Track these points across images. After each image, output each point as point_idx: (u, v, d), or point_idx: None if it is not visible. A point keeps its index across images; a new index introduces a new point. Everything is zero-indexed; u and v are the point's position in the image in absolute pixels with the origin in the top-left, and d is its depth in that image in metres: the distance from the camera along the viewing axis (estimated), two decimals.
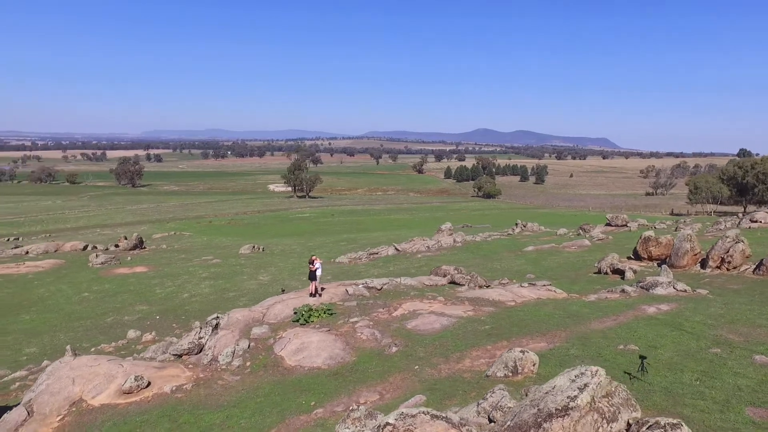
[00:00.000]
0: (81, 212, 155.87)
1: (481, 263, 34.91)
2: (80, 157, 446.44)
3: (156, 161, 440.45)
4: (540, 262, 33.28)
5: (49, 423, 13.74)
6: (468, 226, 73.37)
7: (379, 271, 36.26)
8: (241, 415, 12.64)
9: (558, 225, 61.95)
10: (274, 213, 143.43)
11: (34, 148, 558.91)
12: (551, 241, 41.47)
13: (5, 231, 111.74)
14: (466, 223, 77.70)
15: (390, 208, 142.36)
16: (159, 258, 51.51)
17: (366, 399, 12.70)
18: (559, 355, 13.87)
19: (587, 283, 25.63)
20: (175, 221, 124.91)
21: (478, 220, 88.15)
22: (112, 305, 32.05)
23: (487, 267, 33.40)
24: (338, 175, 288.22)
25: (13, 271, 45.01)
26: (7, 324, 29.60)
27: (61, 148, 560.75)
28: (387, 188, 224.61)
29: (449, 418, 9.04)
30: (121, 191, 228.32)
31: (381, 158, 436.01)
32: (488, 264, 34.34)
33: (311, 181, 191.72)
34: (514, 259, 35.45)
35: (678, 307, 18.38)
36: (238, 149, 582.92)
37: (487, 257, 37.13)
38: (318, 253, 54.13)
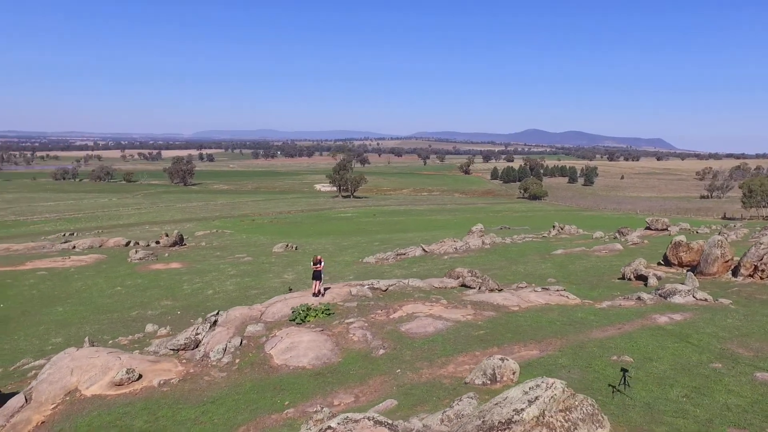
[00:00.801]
0: (133, 209, 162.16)
1: (504, 266, 34.16)
2: (137, 157, 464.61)
3: (208, 161, 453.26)
4: (566, 266, 32.26)
5: (42, 411, 14.22)
6: (506, 227, 72.08)
7: (402, 271, 36.01)
8: (216, 411, 12.73)
9: (598, 228, 60.06)
10: (317, 212, 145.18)
11: (96, 148, 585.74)
12: (583, 245, 40.18)
13: (63, 227, 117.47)
14: (505, 224, 76.32)
15: (433, 208, 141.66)
16: (195, 255, 52.89)
17: (341, 401, 12.55)
18: (547, 364, 13.33)
19: (607, 289, 24.63)
20: (221, 219, 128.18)
21: (519, 222, 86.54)
22: (139, 300, 33.07)
23: (510, 270, 32.63)
24: (384, 175, 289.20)
25: (58, 264, 47.16)
26: (42, 315, 30.99)
27: (120, 148, 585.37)
28: (432, 189, 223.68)
29: (394, 425, 8.80)
30: (173, 189, 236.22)
31: (428, 159, 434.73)
32: (512, 267, 33.55)
33: (356, 181, 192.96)
34: (540, 262, 34.50)
35: (692, 317, 17.40)
36: (288, 149, 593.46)
37: (513, 260, 36.28)
38: (349, 252, 54.41)
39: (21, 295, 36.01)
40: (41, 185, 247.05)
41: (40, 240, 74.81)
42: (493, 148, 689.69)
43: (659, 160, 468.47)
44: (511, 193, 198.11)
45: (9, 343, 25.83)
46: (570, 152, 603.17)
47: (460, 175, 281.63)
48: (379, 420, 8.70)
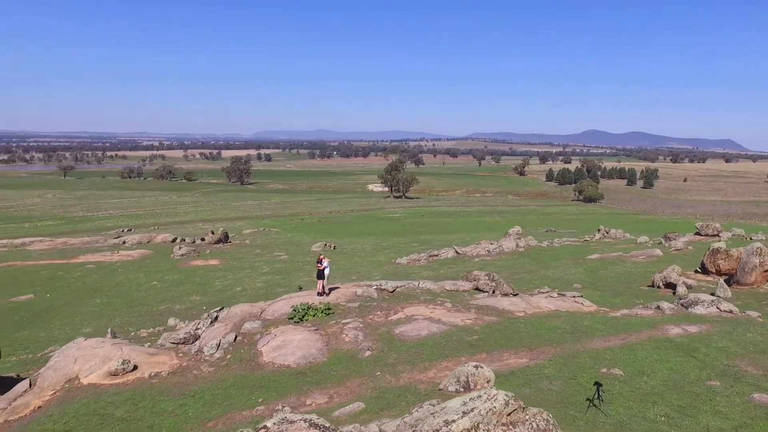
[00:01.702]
0: (191, 207, 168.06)
1: (533, 270, 33.19)
2: (198, 156, 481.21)
3: (266, 160, 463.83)
4: (597, 272, 31.00)
5: (41, 396, 14.85)
6: (551, 230, 70.13)
7: (429, 273, 35.61)
8: (193, 405, 12.91)
9: (647, 232, 57.48)
10: (366, 212, 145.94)
11: (161, 148, 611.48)
12: (621, 250, 38.51)
13: (123, 223, 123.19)
14: (551, 227, 74.26)
15: (483, 210, 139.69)
16: (235, 252, 54.19)
17: (313, 401, 12.46)
18: (530, 373, 12.77)
19: (632, 296, 23.46)
20: (271, 218, 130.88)
21: (569, 225, 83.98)
22: (171, 294, 34.13)
23: (538, 274, 31.68)
24: (438, 176, 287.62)
25: (107, 259, 49.40)
26: (81, 306, 32.51)
27: (183, 148, 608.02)
28: (485, 190, 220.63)
29: (330, 428, 8.60)
30: (230, 188, 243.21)
31: (484, 160, 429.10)
32: (540, 271, 32.54)
33: (407, 181, 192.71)
34: (572, 267, 33.30)
35: (709, 329, 16.28)
36: (344, 149, 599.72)
37: (544, 264, 35.19)
38: (386, 253, 54.36)
39: (68, 287, 37.92)
40: (109, 183, 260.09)
41: (100, 235, 78.80)
42: (551, 149, 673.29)
43: (727, 162, 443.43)
44: (566, 195, 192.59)
45: (45, 331, 27.22)
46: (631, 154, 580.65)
47: (514, 176, 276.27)
48: (316, 423, 8.53)
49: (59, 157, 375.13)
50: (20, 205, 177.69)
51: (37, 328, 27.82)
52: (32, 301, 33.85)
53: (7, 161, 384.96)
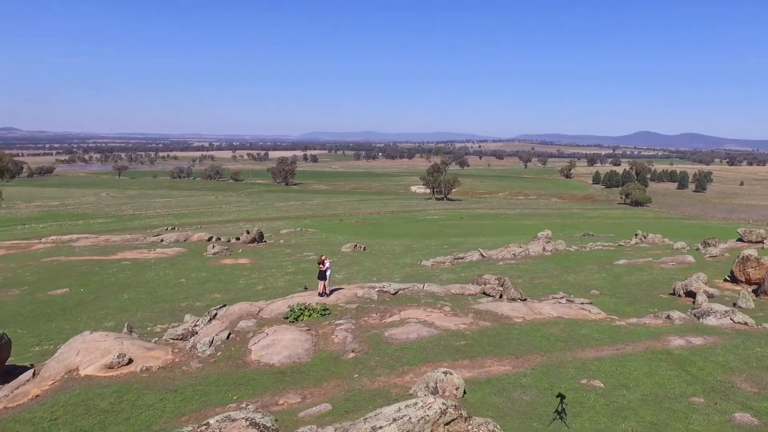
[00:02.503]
0: (234, 207, 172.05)
1: (555, 274, 32.39)
2: (246, 157, 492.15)
3: (312, 161, 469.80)
4: (620, 278, 29.97)
5: (41, 385, 15.48)
6: (589, 234, 68.33)
7: (450, 276, 35.27)
8: (172, 399, 13.19)
9: (690, 238, 55.23)
10: (406, 214, 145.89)
11: (210, 149, 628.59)
12: (651, 256, 37.09)
13: (169, 221, 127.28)
14: (589, 231, 72.37)
15: (524, 213, 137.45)
16: (266, 252, 55.10)
17: (285, 401, 12.53)
18: (507, 382, 12.45)
19: (647, 305, 22.56)
20: (311, 218, 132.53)
21: (609, 229, 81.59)
22: (195, 291, 34.99)
23: (558, 279, 30.90)
24: (482, 178, 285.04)
25: (143, 256, 51.11)
26: (109, 300, 33.74)
27: (232, 149, 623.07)
28: (529, 192, 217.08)
29: (269, 427, 8.61)
30: (275, 189, 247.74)
31: (530, 162, 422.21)
32: (562, 276, 31.73)
33: (449, 183, 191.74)
34: (595, 272, 32.31)
35: (715, 342, 15.49)
36: (389, 151, 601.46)
37: (567, 269, 34.28)
38: (414, 255, 54.14)
39: (101, 282, 39.43)
40: (160, 183, 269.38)
41: (141, 233, 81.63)
42: (600, 151, 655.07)
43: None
44: (612, 198, 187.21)
45: (71, 324, 28.37)
46: (684, 156, 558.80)
47: (560, 178, 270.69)
48: (256, 422, 8.57)
49: (115, 158, 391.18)
50: (77, 203, 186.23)
51: (65, 321, 29.03)
52: (66, 295, 35.36)
53: (68, 161, 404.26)
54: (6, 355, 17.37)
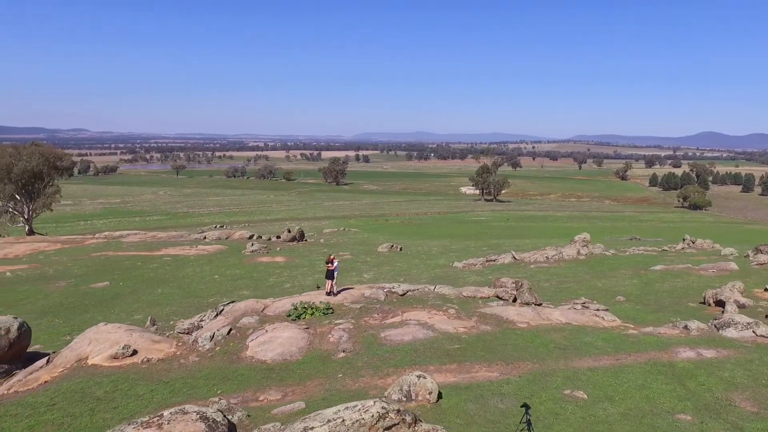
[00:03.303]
0: (284, 206, 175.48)
1: (584, 279, 31.36)
2: (299, 157, 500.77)
3: (364, 161, 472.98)
4: (652, 285, 28.71)
5: (52, 372, 16.23)
6: (635, 238, 65.83)
7: (477, 278, 34.72)
8: (162, 391, 13.53)
9: (745, 244, 52.39)
10: (453, 215, 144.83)
11: (265, 149, 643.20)
12: (693, 262, 35.36)
13: (219, 219, 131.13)
14: (636, 235, 69.69)
15: (574, 215, 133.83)
16: (303, 251, 55.84)
17: (266, 397, 12.63)
18: (488, 389, 12.11)
19: (672, 313, 21.50)
20: (357, 218, 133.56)
21: (660, 233, 78.34)
22: (225, 288, 35.83)
23: (586, 284, 29.90)
24: (533, 179, 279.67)
25: (185, 252, 52.77)
26: (144, 294, 35.01)
27: (286, 149, 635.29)
28: (582, 194, 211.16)
29: (218, 422, 8.69)
30: (325, 188, 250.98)
31: (585, 163, 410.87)
32: (591, 281, 30.68)
33: (499, 184, 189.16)
34: (627, 278, 31.07)
35: (728, 355, 14.60)
36: (441, 151, 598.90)
37: (599, 273, 33.12)
38: (450, 256, 53.61)
39: (141, 277, 40.99)
40: (215, 182, 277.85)
41: (186, 230, 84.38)
42: (659, 152, 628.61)
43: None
44: (669, 201, 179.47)
45: (104, 315, 29.56)
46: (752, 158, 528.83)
47: (615, 180, 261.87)
48: (206, 416, 8.67)
49: (174, 158, 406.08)
50: (137, 201, 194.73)
51: (99, 312, 30.31)
52: (106, 288, 36.94)
53: (130, 161, 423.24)
54: (26, 343, 18.28)
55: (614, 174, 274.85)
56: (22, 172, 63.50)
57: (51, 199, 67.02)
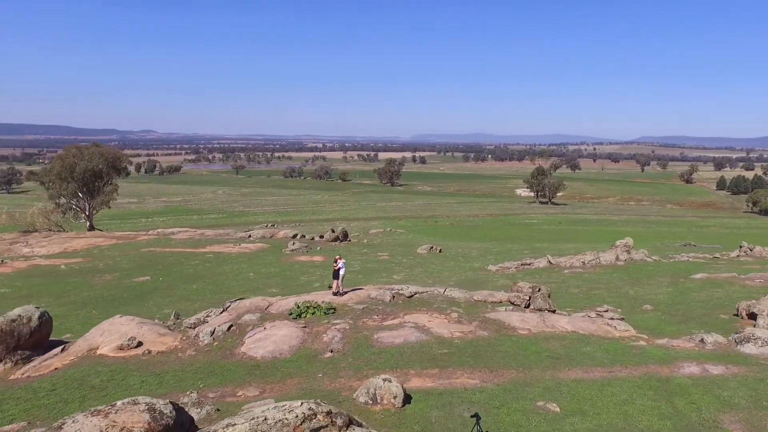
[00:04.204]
0: (337, 206, 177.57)
1: (617, 286, 30.12)
2: (357, 158, 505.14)
3: (420, 163, 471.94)
4: (687, 294, 27.23)
5: (63, 360, 17.07)
6: (690, 244, 62.64)
7: (505, 282, 33.88)
8: (152, 382, 13.98)
9: None
10: (504, 217, 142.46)
11: (323, 150, 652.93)
12: (741, 271, 33.29)
13: (272, 218, 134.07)
14: (690, 241, 66.29)
15: (630, 219, 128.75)
16: (342, 251, 56.20)
17: (244, 393, 12.84)
18: (460, 396, 11.82)
19: (699, 325, 20.30)
20: (407, 219, 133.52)
21: (725, 240, 74.11)
22: (257, 285, 36.60)
23: (617, 291, 28.73)
24: (592, 181, 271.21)
25: (228, 250, 54.33)
26: (180, 290, 36.27)
27: (344, 150, 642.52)
28: (642, 198, 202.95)
29: (164, 414, 8.87)
30: (379, 189, 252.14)
31: (648, 165, 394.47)
32: (623, 288, 29.43)
33: (554, 186, 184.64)
34: (663, 286, 29.59)
35: (736, 372, 13.67)
36: (499, 153, 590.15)
37: (635, 280, 31.71)
38: (487, 259, 52.72)
39: (181, 272, 42.51)
40: (272, 182, 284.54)
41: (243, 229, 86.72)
42: (730, 154, 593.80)
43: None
44: (738, 206, 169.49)
45: (137, 308, 30.86)
46: None
47: (679, 184, 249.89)
48: (154, 407, 8.86)
49: (235, 158, 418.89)
50: (197, 199, 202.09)
51: (134, 306, 31.63)
52: (146, 283, 38.53)
53: (194, 161, 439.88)
54: (46, 332, 19.30)
55: (678, 177, 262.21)
56: (83, 171, 67.15)
57: (109, 197, 70.53)
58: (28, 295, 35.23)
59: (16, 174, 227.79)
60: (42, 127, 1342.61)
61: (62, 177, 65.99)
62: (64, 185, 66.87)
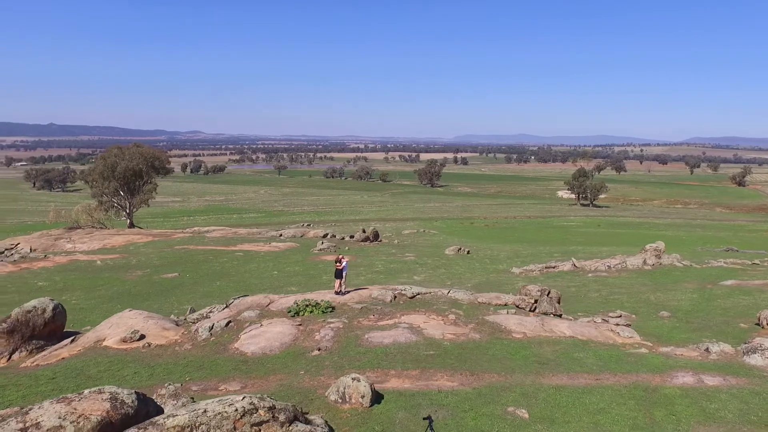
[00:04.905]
0: (375, 207, 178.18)
1: (637, 291, 29.22)
2: (398, 159, 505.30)
3: (462, 164, 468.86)
4: (711, 301, 26.16)
5: (71, 351, 17.78)
6: (732, 249, 60.05)
7: (526, 284, 33.41)
8: (143, 374, 14.43)
9: None
10: (543, 219, 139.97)
11: (365, 150, 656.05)
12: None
13: (309, 218, 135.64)
14: (733, 246, 63.50)
15: (675, 223, 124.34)
16: (370, 250, 56.53)
17: (225, 387, 13.08)
18: (431, 398, 11.72)
19: (715, 333, 19.47)
20: (443, 220, 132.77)
21: None
22: (278, 284, 37.12)
23: (637, 297, 27.85)
24: (637, 183, 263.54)
25: (258, 248, 55.32)
26: (203, 286, 37.15)
27: (386, 151, 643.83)
28: (689, 201, 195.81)
29: (125, 403, 9.14)
30: (419, 190, 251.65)
31: (698, 167, 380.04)
32: (643, 294, 28.51)
33: (596, 188, 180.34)
34: (688, 292, 28.51)
35: (734, 385, 13.10)
36: (542, 154, 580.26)
37: (659, 286, 30.66)
38: (514, 261, 51.93)
39: (209, 270, 43.56)
40: (313, 182, 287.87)
41: (277, 228, 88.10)
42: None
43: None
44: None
45: (159, 304, 31.80)
46: None
47: (731, 186, 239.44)
48: (116, 396, 9.12)
49: (278, 158, 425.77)
50: (239, 199, 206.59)
51: (156, 301, 32.61)
52: (173, 279, 39.65)
53: (238, 161, 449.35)
54: (60, 323, 20.15)
55: (730, 179, 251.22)
56: (124, 170, 69.63)
57: (147, 196, 72.84)
58: (62, 288, 36.85)
59: (71, 173, 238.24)
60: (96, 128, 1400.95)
61: (104, 176, 68.61)
62: (106, 184, 69.50)
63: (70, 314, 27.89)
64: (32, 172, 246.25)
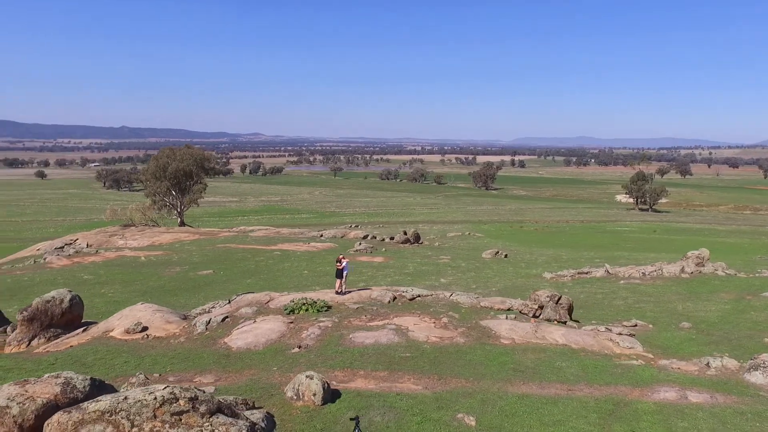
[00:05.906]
0: (427, 209, 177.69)
1: (666, 300, 27.91)
2: (454, 161, 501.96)
3: (519, 167, 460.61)
4: (743, 313, 24.64)
5: (81, 339, 18.78)
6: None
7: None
8: (132, 363, 15.09)
9: None
10: (596, 224, 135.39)
11: (422, 152, 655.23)
12: None
13: (359, 219, 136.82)
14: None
15: (740, 230, 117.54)
16: (406, 252, 56.50)
17: (200, 379, 13.51)
18: (386, 400, 11.65)
19: (732, 348, 18.31)
20: (493, 223, 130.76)
21: None
22: (305, 283, 37.54)
23: (663, 306, 26.60)
24: (702, 188, 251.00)
25: (296, 248, 56.35)
26: (233, 284, 38.09)
27: (442, 153, 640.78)
28: (760, 207, 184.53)
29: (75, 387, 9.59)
30: (473, 193, 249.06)
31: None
32: (671, 303, 27.18)
33: (655, 192, 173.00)
34: (720, 303, 26.95)
35: (719, 403, 12.37)
36: (603, 157, 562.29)
37: (692, 295, 29.14)
38: (550, 266, 50.48)
39: (242, 268, 44.75)
40: (368, 183, 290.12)
41: (307, 227, 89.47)
42: None
43: None
44: None
45: (186, 299, 32.92)
46: None
47: None
48: (69, 382, 9.58)
49: (334, 160, 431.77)
50: (294, 199, 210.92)
51: (185, 297, 33.78)
52: (207, 276, 40.97)
53: (296, 162, 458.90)
54: (77, 313, 21.25)
55: None
56: (175, 171, 72.54)
57: (197, 195, 75.58)
58: (104, 282, 38.78)
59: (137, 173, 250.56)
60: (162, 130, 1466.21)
61: (157, 176, 71.74)
62: (158, 183, 72.60)
63: (103, 306, 29.48)
64: (103, 172, 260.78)
